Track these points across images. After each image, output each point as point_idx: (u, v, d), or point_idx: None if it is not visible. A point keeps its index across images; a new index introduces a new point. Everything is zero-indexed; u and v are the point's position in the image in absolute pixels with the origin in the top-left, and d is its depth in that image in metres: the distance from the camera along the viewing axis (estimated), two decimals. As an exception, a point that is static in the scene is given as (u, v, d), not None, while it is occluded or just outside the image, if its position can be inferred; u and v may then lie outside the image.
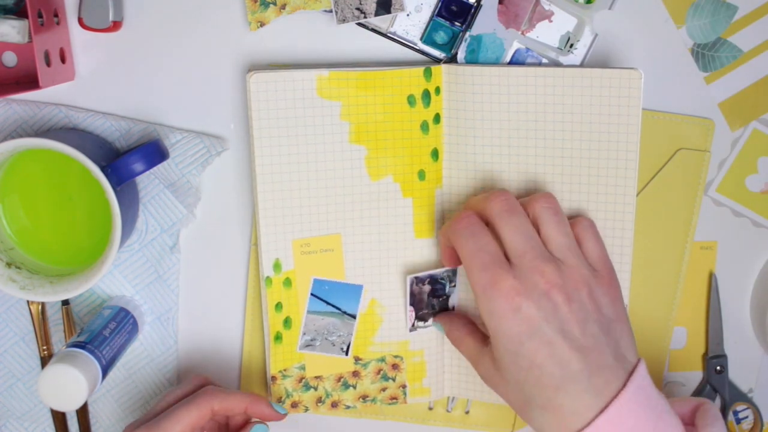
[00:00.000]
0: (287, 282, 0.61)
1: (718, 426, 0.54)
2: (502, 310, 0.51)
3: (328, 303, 0.62)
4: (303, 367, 0.63)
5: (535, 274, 0.52)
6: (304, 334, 0.62)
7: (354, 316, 0.62)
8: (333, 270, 0.62)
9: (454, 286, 0.62)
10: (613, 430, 0.49)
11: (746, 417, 0.68)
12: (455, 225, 0.56)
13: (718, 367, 0.66)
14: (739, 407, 0.67)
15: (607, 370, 0.51)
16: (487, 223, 0.56)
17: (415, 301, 0.62)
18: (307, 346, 0.62)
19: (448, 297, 0.62)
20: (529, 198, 0.56)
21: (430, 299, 0.62)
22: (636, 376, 0.51)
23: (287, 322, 0.62)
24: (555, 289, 0.52)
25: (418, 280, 0.61)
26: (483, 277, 0.52)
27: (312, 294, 0.62)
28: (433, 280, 0.61)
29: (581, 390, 0.50)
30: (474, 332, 0.58)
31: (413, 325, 0.62)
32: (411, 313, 0.62)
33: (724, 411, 0.67)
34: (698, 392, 0.66)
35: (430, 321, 0.63)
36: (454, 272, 0.62)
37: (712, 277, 0.65)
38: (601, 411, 0.49)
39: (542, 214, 0.55)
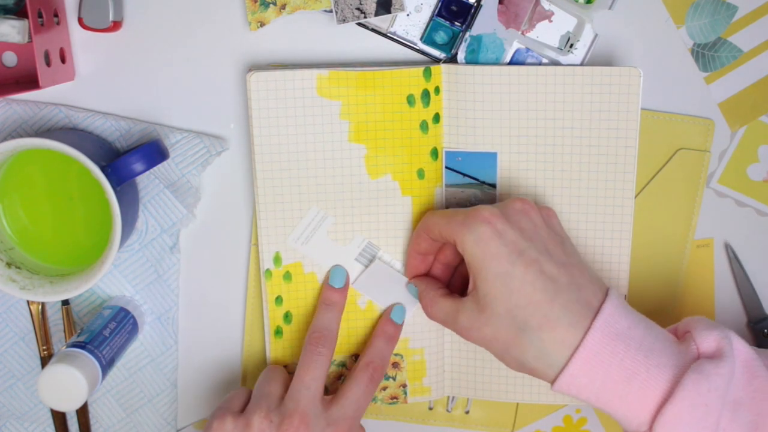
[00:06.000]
0: (287, 275, 0.61)
1: (702, 318, 0.55)
2: (486, 234, 0.53)
3: (464, 174, 0.61)
4: None
5: (513, 201, 0.55)
6: (448, 208, 0.62)
7: (493, 185, 0.61)
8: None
9: None
10: (610, 329, 0.51)
11: None
12: (428, 213, 0.58)
13: (766, 330, 0.65)
14: None
15: (590, 284, 0.54)
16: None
17: None
18: None
19: None
20: None
21: None
22: (612, 290, 0.54)
23: (287, 317, 0.62)
24: (533, 210, 0.55)
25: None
26: (460, 215, 0.55)
27: (447, 167, 0.61)
28: None
29: (573, 301, 0.52)
30: (449, 294, 0.58)
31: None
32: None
33: None
34: None
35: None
36: None
37: (727, 248, 0.64)
38: (596, 314, 0.52)
39: None
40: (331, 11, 0.59)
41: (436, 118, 0.61)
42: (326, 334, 0.59)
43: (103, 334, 0.59)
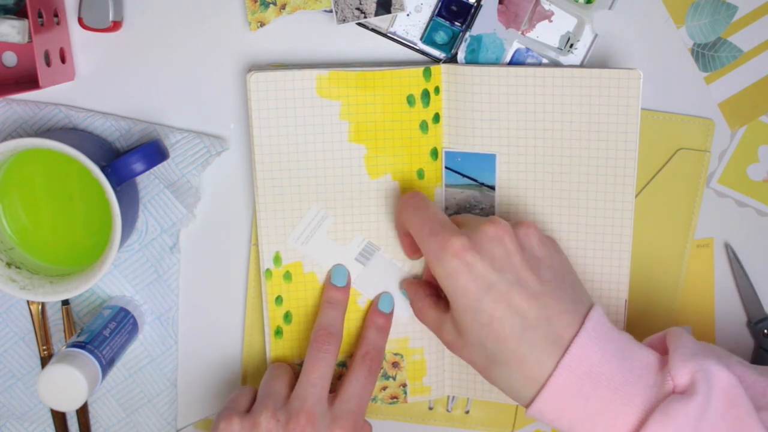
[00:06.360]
0: (287, 275, 0.62)
1: (685, 338, 0.53)
2: (456, 270, 0.52)
3: (463, 175, 0.61)
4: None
5: (486, 226, 0.53)
6: (446, 209, 0.62)
7: (492, 187, 0.61)
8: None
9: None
10: (579, 366, 0.50)
11: None
12: (402, 205, 0.58)
13: (766, 330, 0.64)
14: None
15: (565, 314, 0.52)
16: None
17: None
18: None
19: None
20: None
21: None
22: (593, 314, 0.52)
23: (287, 317, 0.62)
24: (507, 234, 0.53)
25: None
26: (433, 242, 0.53)
27: (446, 167, 0.61)
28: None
29: (541, 337, 0.51)
30: (437, 303, 0.58)
31: None
32: None
33: None
34: (753, 361, 0.65)
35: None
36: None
37: (727, 248, 0.64)
38: (564, 352, 0.50)
39: None
40: (331, 11, 0.59)
41: (436, 118, 0.61)
42: (332, 332, 0.59)
43: (103, 334, 0.59)
